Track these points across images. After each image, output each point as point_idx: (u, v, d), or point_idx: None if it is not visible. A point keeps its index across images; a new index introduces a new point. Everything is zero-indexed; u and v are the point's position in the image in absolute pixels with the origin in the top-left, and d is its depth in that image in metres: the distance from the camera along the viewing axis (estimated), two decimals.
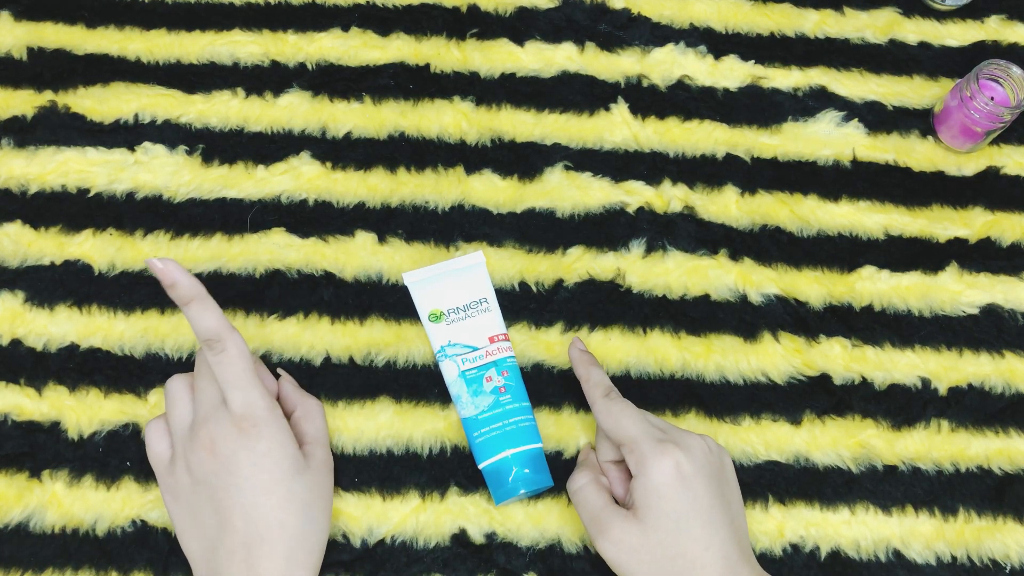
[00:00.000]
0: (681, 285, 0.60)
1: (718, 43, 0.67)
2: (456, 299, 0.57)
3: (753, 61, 0.66)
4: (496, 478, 0.53)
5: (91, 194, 0.61)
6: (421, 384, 0.57)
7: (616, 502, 0.50)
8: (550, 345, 0.58)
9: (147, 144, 0.62)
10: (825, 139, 0.65)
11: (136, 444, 0.55)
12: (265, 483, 0.47)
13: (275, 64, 0.65)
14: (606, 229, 0.61)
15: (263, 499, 0.47)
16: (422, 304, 0.58)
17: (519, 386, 0.56)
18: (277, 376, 0.55)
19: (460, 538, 0.54)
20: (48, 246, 0.60)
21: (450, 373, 0.56)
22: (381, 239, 0.60)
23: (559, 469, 0.55)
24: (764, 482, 0.55)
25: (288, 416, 0.53)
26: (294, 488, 0.48)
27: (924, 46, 0.68)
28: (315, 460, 0.50)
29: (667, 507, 0.47)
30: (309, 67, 0.65)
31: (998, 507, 0.55)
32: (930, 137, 0.65)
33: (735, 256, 0.61)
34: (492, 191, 0.62)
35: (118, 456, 0.55)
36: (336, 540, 0.53)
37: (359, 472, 0.55)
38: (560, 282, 0.60)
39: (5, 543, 0.53)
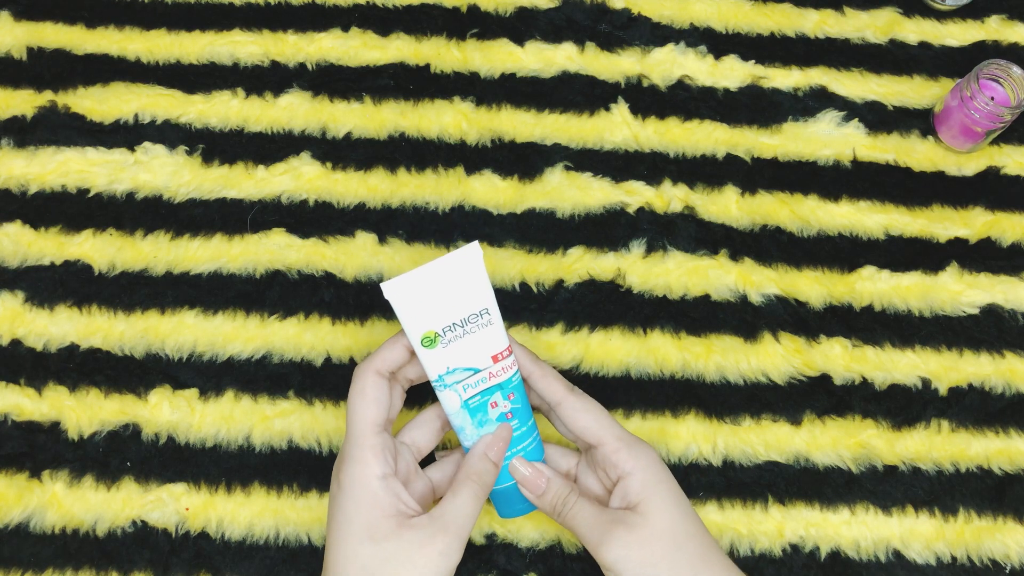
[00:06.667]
0: (681, 285, 0.60)
1: (718, 43, 0.67)
2: (452, 313, 0.47)
3: (753, 61, 0.66)
4: (504, 499, 0.51)
5: (91, 194, 0.61)
6: (422, 385, 0.57)
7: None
8: (550, 346, 0.58)
9: (147, 144, 0.62)
10: (825, 139, 0.64)
11: (136, 444, 0.55)
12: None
13: (275, 64, 0.65)
14: (606, 229, 0.61)
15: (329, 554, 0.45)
16: (411, 326, 0.47)
17: (525, 406, 0.50)
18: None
19: None
20: (48, 246, 0.60)
21: (451, 405, 0.49)
22: (381, 240, 0.60)
23: None
24: (764, 482, 0.55)
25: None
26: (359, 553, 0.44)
27: (924, 46, 0.68)
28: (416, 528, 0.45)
29: (673, 493, 0.47)
30: (309, 67, 0.65)
31: (998, 507, 0.55)
32: (930, 137, 0.65)
33: (735, 256, 0.61)
34: (492, 191, 0.62)
35: (118, 456, 0.55)
36: None
37: None
38: (560, 282, 0.60)
39: (5, 543, 0.53)
